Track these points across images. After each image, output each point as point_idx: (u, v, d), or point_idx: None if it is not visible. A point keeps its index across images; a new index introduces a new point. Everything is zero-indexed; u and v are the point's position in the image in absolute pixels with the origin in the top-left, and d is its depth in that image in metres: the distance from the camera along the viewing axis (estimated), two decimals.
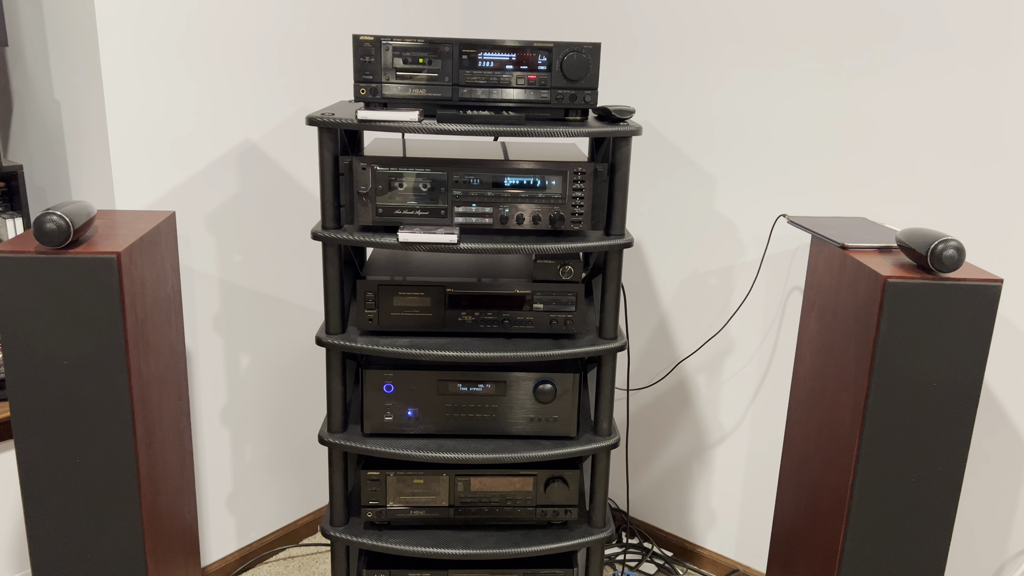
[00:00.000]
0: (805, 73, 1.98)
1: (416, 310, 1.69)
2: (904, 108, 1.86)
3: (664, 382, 2.41)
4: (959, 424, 1.52)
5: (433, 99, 1.61)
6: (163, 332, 1.69)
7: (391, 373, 1.71)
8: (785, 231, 2.10)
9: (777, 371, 2.19)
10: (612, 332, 1.71)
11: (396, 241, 1.58)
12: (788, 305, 2.13)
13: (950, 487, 1.55)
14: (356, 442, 1.72)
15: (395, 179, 1.60)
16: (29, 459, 1.50)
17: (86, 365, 1.47)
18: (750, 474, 2.30)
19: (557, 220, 1.63)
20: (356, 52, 1.57)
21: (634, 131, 1.59)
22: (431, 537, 1.79)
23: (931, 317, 1.47)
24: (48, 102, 1.99)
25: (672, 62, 2.19)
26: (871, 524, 1.59)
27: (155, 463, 1.65)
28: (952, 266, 1.46)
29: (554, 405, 1.74)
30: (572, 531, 1.82)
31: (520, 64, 1.59)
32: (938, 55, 1.80)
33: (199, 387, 2.15)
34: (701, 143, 2.19)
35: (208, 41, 1.97)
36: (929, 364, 1.50)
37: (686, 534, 2.47)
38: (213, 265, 2.11)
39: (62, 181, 2.02)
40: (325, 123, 1.54)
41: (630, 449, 2.52)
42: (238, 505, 2.32)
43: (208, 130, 2.02)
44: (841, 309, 1.66)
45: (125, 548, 1.57)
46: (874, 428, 1.54)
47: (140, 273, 1.54)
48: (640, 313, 2.42)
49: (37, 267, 1.41)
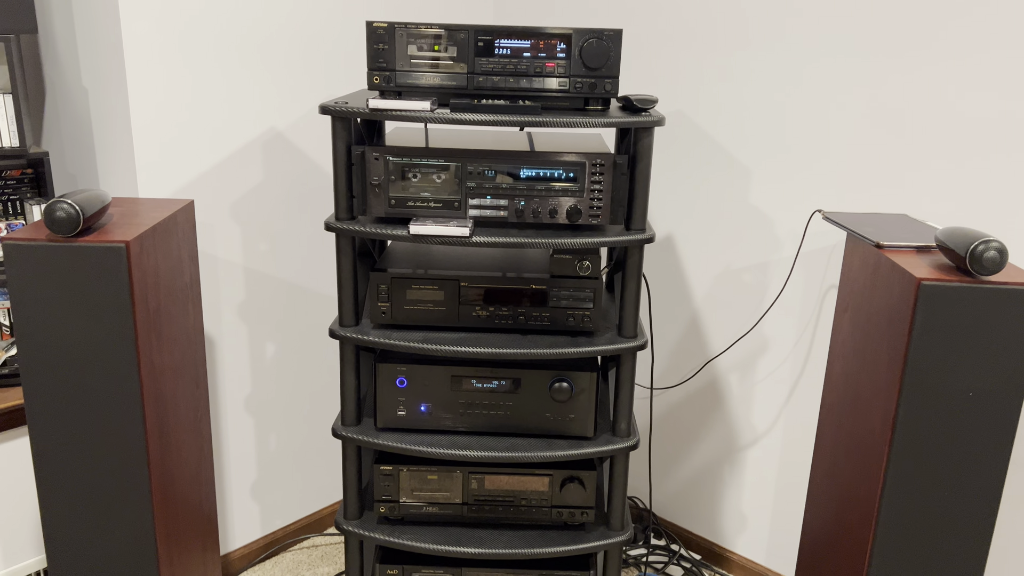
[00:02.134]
0: (846, 64, 1.88)
1: (430, 304, 1.65)
2: (949, 100, 1.75)
3: (696, 381, 2.34)
4: (998, 438, 1.42)
5: (449, 87, 1.56)
6: (179, 321, 1.69)
7: (404, 367, 1.68)
8: (822, 227, 2.00)
9: (812, 373, 2.10)
10: (632, 330, 1.65)
11: (407, 234, 1.55)
12: (825, 304, 2.04)
13: (987, 505, 1.46)
14: (369, 436, 1.70)
15: (408, 169, 1.56)
16: (43, 445, 1.51)
17: (96, 354, 1.47)
18: (783, 478, 2.22)
19: (575, 214, 1.57)
20: (370, 39, 1.53)
21: (656, 121, 1.52)
22: (444, 534, 1.76)
23: (969, 323, 1.38)
24: (77, 90, 2.01)
25: (706, 51, 2.11)
26: (900, 539, 1.50)
27: (168, 451, 1.65)
28: (993, 268, 1.36)
29: (570, 404, 1.69)
30: (589, 533, 1.77)
31: (538, 52, 1.54)
32: (982, 47, 1.69)
33: (224, 375, 2.15)
34: (734, 134, 2.10)
35: (233, 30, 1.96)
36: (966, 373, 1.40)
37: (715, 537, 2.40)
38: (238, 253, 2.11)
39: (90, 167, 2.03)
40: (337, 112, 1.51)
41: (660, 447, 2.46)
42: (262, 493, 2.33)
43: (232, 119, 2.01)
44: (875, 311, 1.57)
45: (136, 533, 1.58)
46: (905, 438, 1.45)
47: (153, 262, 1.53)
48: (671, 310, 2.35)
49: (47, 255, 1.41)
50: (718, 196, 2.17)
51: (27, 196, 2.02)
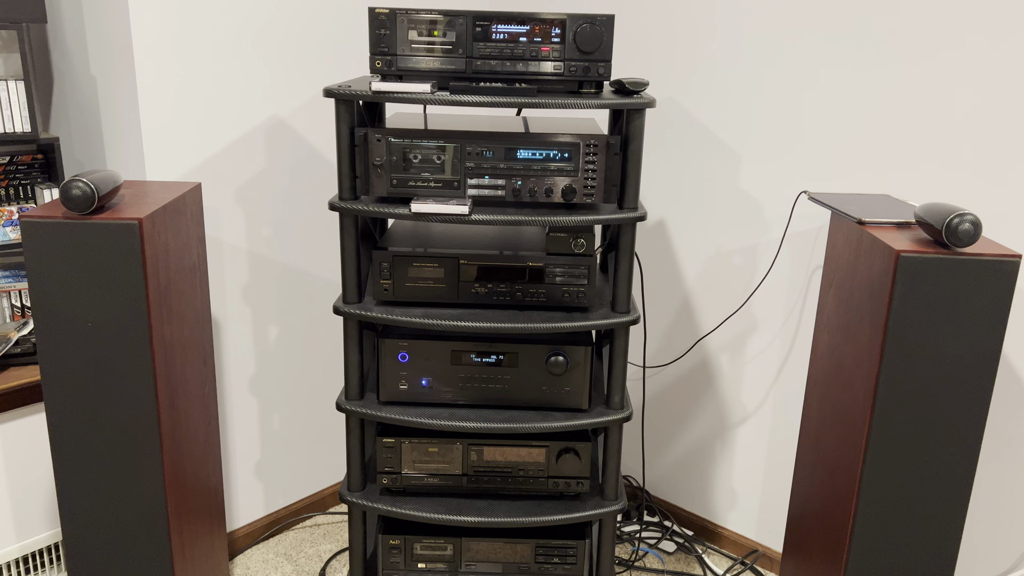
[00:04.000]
0: (833, 51, 1.95)
1: (430, 281, 1.71)
2: (931, 84, 1.82)
3: (687, 361, 2.41)
4: (974, 403, 1.49)
5: (448, 71, 1.62)
6: (188, 299, 1.75)
7: (406, 343, 1.75)
8: (810, 209, 2.07)
9: (800, 351, 2.17)
10: (625, 306, 1.72)
11: (409, 212, 1.61)
12: (812, 284, 2.11)
13: (964, 467, 1.53)
14: (372, 409, 1.76)
15: (409, 150, 1.62)
16: (58, 418, 1.57)
17: (110, 327, 1.53)
18: (772, 455, 2.28)
19: (569, 193, 1.64)
20: (372, 24, 1.59)
21: (647, 103, 1.58)
22: (445, 504, 1.82)
23: (946, 293, 1.45)
24: (85, 78, 2.06)
25: (699, 38, 2.17)
26: (882, 504, 1.57)
27: (179, 424, 1.71)
28: (968, 240, 1.43)
29: (566, 377, 1.75)
30: (584, 503, 1.84)
31: (533, 36, 1.60)
32: (962, 34, 1.75)
33: (228, 357, 2.21)
34: (726, 120, 2.17)
35: (238, 17, 2.02)
36: (944, 341, 1.47)
37: (707, 514, 2.46)
38: (242, 237, 2.16)
39: (98, 154, 2.09)
40: (341, 95, 1.57)
41: (652, 427, 2.53)
42: (266, 472, 2.39)
43: (237, 105, 2.07)
44: (857, 285, 1.64)
45: (148, 506, 1.64)
46: (886, 404, 1.52)
47: (163, 240, 1.59)
48: (664, 291, 2.41)
49: (63, 232, 1.47)
50: (710, 180, 2.24)
51: (37, 181, 2.08)
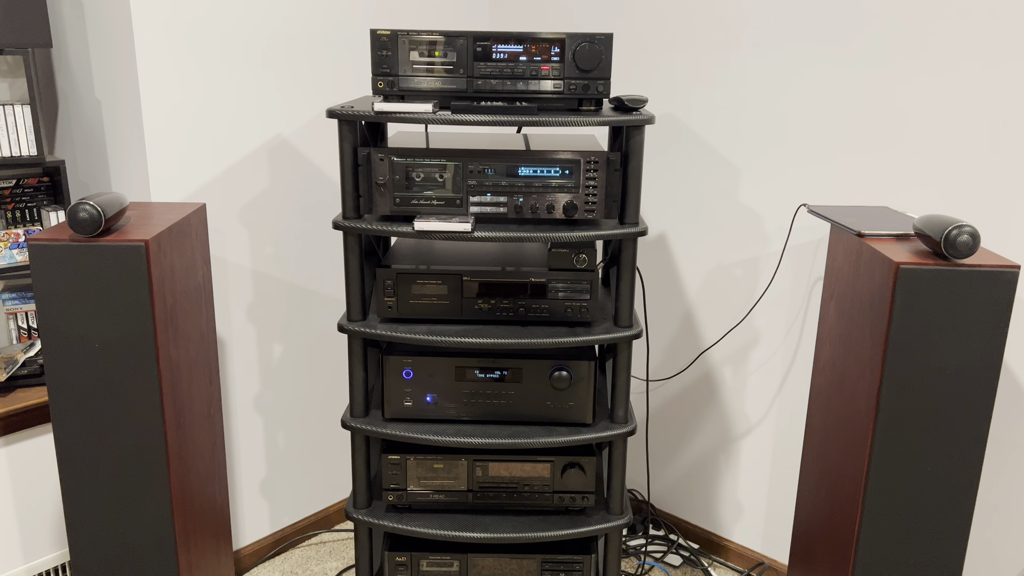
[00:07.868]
0: (834, 69, 1.97)
1: (434, 298, 1.73)
2: (929, 98, 1.84)
3: (691, 374, 2.42)
4: (977, 412, 1.50)
5: (449, 91, 1.64)
6: (193, 318, 1.76)
7: (410, 360, 1.76)
8: (810, 222, 2.09)
9: (802, 363, 2.18)
10: (627, 320, 1.73)
11: (412, 230, 1.62)
12: (813, 296, 2.12)
13: (968, 476, 1.53)
14: (377, 426, 1.77)
15: (411, 169, 1.64)
16: (65, 439, 1.58)
17: (117, 348, 1.54)
18: (777, 467, 2.29)
19: (571, 209, 1.65)
20: (374, 46, 1.62)
21: (647, 120, 1.60)
22: (451, 521, 1.82)
23: (946, 304, 1.46)
24: (90, 101, 2.09)
25: (697, 53, 2.20)
26: (887, 514, 1.58)
27: (185, 443, 1.72)
28: (967, 252, 1.44)
29: (570, 392, 1.76)
30: (590, 517, 1.84)
31: (533, 55, 1.62)
32: (961, 45, 1.77)
33: (233, 375, 2.22)
34: (727, 135, 2.19)
35: (240, 39, 2.05)
36: (945, 351, 1.48)
37: (712, 527, 2.47)
38: (246, 257, 2.18)
39: (103, 176, 2.11)
40: (344, 115, 1.59)
41: (657, 440, 2.53)
42: (271, 490, 2.40)
43: (240, 126, 2.10)
44: (858, 297, 1.65)
45: (156, 526, 1.64)
46: (889, 415, 1.53)
47: (169, 261, 1.61)
48: (666, 305, 2.43)
49: (71, 254, 1.49)
50: (710, 194, 2.26)
51: (43, 203, 2.10)
